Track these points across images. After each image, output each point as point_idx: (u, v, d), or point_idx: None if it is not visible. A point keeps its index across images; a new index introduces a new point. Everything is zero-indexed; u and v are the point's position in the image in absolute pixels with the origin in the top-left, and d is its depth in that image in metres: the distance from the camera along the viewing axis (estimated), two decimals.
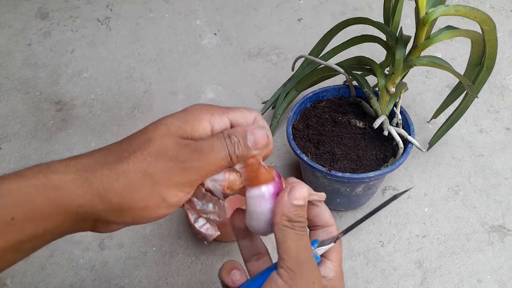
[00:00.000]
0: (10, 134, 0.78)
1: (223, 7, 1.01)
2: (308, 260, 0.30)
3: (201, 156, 0.28)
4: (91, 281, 0.59)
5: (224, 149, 0.29)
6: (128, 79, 0.87)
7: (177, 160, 0.28)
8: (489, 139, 0.73)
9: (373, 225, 0.63)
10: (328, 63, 0.64)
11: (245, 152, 0.30)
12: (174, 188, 0.28)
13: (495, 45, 0.53)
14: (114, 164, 0.27)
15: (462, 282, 0.57)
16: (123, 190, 0.27)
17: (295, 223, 0.30)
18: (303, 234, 0.30)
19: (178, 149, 0.28)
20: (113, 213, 0.27)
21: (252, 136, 0.30)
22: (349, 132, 0.61)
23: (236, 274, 0.33)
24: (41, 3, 1.05)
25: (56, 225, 0.27)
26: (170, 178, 0.27)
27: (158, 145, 0.28)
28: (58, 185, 0.26)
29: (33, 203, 0.26)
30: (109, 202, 0.27)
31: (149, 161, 0.27)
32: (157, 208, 0.28)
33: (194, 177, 0.28)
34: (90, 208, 0.27)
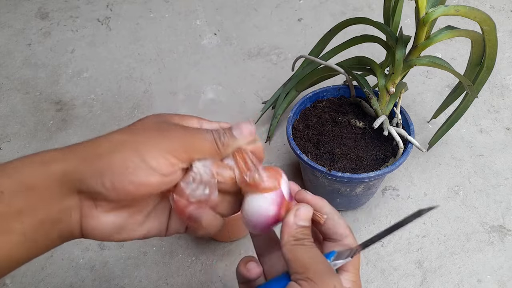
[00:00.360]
0: (10, 134, 0.78)
1: (223, 7, 1.01)
2: (325, 267, 0.30)
3: (185, 130, 0.30)
4: (91, 281, 0.59)
5: (209, 133, 0.30)
6: (128, 79, 0.87)
7: (160, 130, 0.29)
8: (489, 139, 0.73)
9: (373, 225, 0.63)
10: (328, 63, 0.64)
11: (231, 141, 0.31)
12: (155, 151, 0.28)
13: (495, 45, 0.53)
14: (99, 137, 0.29)
15: (462, 282, 0.57)
16: (104, 153, 0.27)
17: (302, 240, 0.31)
18: (312, 246, 0.31)
19: (162, 123, 0.30)
20: (94, 178, 0.27)
21: (237, 126, 0.32)
22: (349, 132, 0.61)
23: (252, 264, 0.34)
24: (41, 3, 1.05)
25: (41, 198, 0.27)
26: (151, 143, 0.28)
27: (143, 121, 0.30)
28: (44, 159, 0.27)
29: (20, 173, 0.26)
30: (90, 165, 0.27)
31: (132, 129, 0.29)
32: (138, 170, 0.27)
33: (175, 146, 0.28)
34: (73, 174, 0.27)
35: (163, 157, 0.28)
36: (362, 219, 0.64)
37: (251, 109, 0.80)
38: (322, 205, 0.34)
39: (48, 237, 0.28)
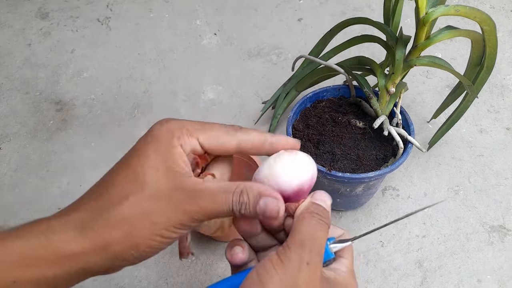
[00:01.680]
0: (10, 134, 0.78)
1: (223, 7, 1.01)
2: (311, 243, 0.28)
3: (200, 204, 0.28)
4: (91, 281, 0.59)
5: (227, 203, 0.29)
6: (128, 79, 0.87)
7: (174, 204, 0.28)
8: (489, 139, 0.73)
9: (373, 225, 0.63)
10: (328, 63, 0.64)
11: (252, 215, 0.29)
12: (172, 227, 0.28)
13: (495, 45, 0.53)
14: (111, 212, 0.27)
15: (462, 282, 0.57)
16: (124, 238, 0.27)
17: (315, 214, 0.30)
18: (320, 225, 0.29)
19: (173, 192, 0.28)
20: (119, 261, 0.28)
21: (264, 204, 0.29)
22: (349, 132, 0.61)
23: (237, 249, 0.33)
24: (41, 3, 1.05)
25: (60, 284, 0.28)
26: (169, 221, 0.28)
27: (152, 189, 0.28)
28: (59, 246, 0.27)
29: (35, 266, 0.26)
30: (114, 252, 0.27)
31: (144, 205, 0.28)
32: (160, 245, 0.29)
33: (191, 220, 0.28)
34: (96, 262, 0.27)
35: (179, 229, 0.28)
36: (362, 219, 0.64)
37: (251, 109, 0.80)
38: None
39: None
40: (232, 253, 0.32)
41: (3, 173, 0.72)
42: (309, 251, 0.28)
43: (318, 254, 0.28)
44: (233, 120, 0.78)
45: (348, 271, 0.32)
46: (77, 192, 0.69)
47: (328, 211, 0.31)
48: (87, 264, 0.27)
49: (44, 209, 0.67)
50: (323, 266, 0.31)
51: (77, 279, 0.28)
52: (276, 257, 0.28)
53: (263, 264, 0.28)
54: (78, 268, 0.27)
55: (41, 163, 0.73)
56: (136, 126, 0.78)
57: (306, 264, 0.27)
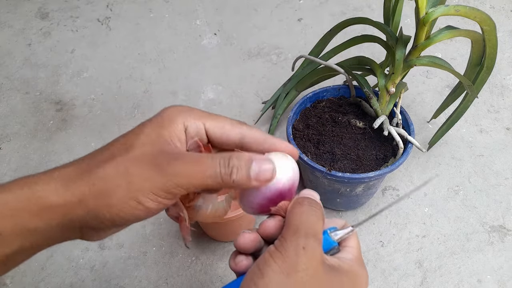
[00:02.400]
0: (10, 134, 0.78)
1: (223, 7, 1.01)
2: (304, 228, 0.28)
3: (182, 165, 0.27)
4: (91, 281, 0.59)
5: (213, 167, 0.28)
6: (128, 79, 0.87)
7: (155, 165, 0.27)
8: (489, 139, 0.73)
9: (373, 225, 0.63)
10: (328, 63, 0.64)
11: (244, 181, 0.28)
12: (150, 192, 0.27)
13: (495, 45, 0.53)
14: (94, 169, 0.28)
15: (462, 282, 0.57)
16: (100, 194, 0.27)
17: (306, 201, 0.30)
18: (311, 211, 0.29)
19: (158, 156, 0.28)
20: (93, 219, 0.27)
21: (257, 166, 0.28)
22: (349, 132, 0.61)
23: (240, 257, 0.32)
24: (41, 3, 1.05)
25: (42, 238, 0.28)
26: (146, 183, 0.27)
27: (137, 151, 0.28)
28: (41, 196, 0.27)
29: (19, 217, 0.26)
30: (87, 207, 0.27)
31: (126, 165, 0.27)
32: (134, 211, 0.27)
33: (171, 184, 0.27)
34: (73, 216, 0.27)
35: (161, 197, 0.27)
36: (362, 219, 0.64)
37: (251, 109, 0.80)
38: None
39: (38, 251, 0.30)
40: (236, 262, 0.32)
41: (3, 173, 0.72)
42: (304, 236, 0.28)
43: (314, 237, 0.28)
44: None
45: (355, 258, 0.31)
46: None
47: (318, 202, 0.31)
48: (66, 217, 0.27)
49: None
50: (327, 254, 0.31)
51: (59, 235, 0.28)
52: (273, 248, 0.28)
53: (262, 257, 0.28)
54: (58, 222, 0.27)
55: (41, 163, 0.73)
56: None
57: (303, 249, 0.27)
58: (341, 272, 0.29)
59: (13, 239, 0.27)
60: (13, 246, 0.27)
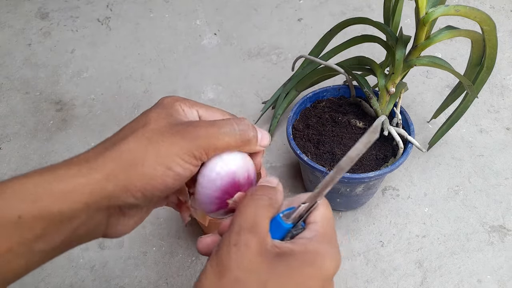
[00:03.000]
0: (10, 134, 0.78)
1: (223, 7, 1.01)
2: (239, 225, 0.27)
3: (200, 128, 0.29)
4: (91, 281, 0.59)
5: (228, 125, 0.30)
6: (128, 79, 0.87)
7: (176, 132, 0.28)
8: (489, 139, 0.73)
9: (373, 225, 0.63)
10: (328, 63, 0.64)
11: (254, 140, 0.31)
12: (177, 157, 0.28)
13: (495, 45, 0.53)
14: (116, 146, 0.28)
15: (462, 282, 0.57)
16: (129, 166, 0.27)
17: (247, 195, 0.29)
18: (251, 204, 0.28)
19: (175, 125, 0.29)
20: (123, 192, 0.27)
21: (260, 132, 0.31)
22: (349, 132, 0.61)
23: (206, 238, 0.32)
24: (41, 3, 1.05)
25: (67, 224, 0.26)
26: (172, 148, 0.28)
27: (154, 125, 0.29)
28: (63, 180, 0.26)
29: (40, 200, 0.25)
30: (117, 180, 0.27)
31: (148, 136, 0.28)
32: (164, 178, 0.28)
33: (194, 147, 0.28)
34: (100, 194, 0.27)
35: (186, 161, 0.28)
36: (362, 219, 0.64)
37: (251, 109, 0.80)
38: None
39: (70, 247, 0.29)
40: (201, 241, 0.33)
41: (3, 173, 0.72)
42: (236, 233, 0.26)
43: (250, 231, 0.26)
44: None
45: (314, 236, 0.28)
46: None
47: (272, 186, 0.30)
48: (93, 197, 0.26)
49: None
50: (287, 239, 0.29)
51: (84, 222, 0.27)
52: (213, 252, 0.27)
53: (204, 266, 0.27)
54: (84, 204, 0.26)
55: (41, 163, 0.73)
56: None
57: (234, 246, 0.26)
58: (292, 256, 0.26)
59: (35, 224, 0.25)
60: (35, 231, 0.25)
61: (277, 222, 0.29)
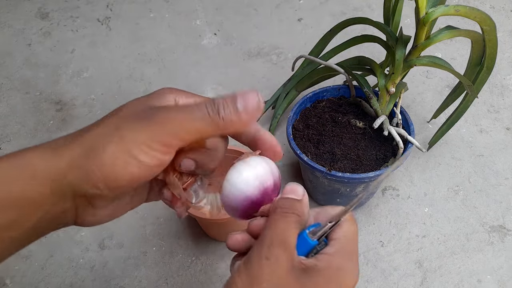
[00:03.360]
0: (10, 134, 0.78)
1: (223, 7, 1.01)
2: (271, 239, 0.27)
3: (170, 112, 0.27)
4: (91, 281, 0.59)
5: (201, 108, 0.27)
6: (128, 79, 0.87)
7: (145, 117, 0.27)
8: (489, 139, 0.73)
9: (373, 225, 0.63)
10: (328, 63, 0.64)
11: (234, 116, 0.27)
12: (142, 144, 0.26)
13: (495, 45, 0.53)
14: (84, 133, 0.27)
15: (462, 282, 0.57)
16: (90, 152, 0.26)
17: (278, 209, 0.29)
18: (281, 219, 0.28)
19: (147, 110, 0.28)
20: (85, 182, 0.26)
21: (242, 98, 0.28)
22: (349, 132, 0.61)
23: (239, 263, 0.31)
24: (41, 3, 1.05)
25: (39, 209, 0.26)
26: (138, 134, 0.26)
27: (126, 110, 0.28)
28: (30, 163, 0.26)
29: (14, 184, 0.26)
30: (78, 168, 0.26)
31: (116, 122, 0.27)
32: (127, 167, 0.26)
33: (163, 133, 0.26)
34: (64, 181, 0.26)
35: (153, 149, 0.26)
36: (362, 219, 0.64)
37: None
38: None
39: (40, 235, 0.28)
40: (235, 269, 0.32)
41: None
42: (267, 246, 0.27)
43: (280, 246, 0.27)
44: None
45: (337, 252, 0.29)
46: None
47: (297, 198, 0.30)
48: (56, 183, 0.26)
49: None
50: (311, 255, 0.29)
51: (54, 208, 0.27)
52: (241, 263, 0.28)
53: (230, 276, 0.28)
54: (49, 189, 0.26)
55: None
56: None
57: (266, 260, 0.26)
58: (316, 272, 0.27)
59: (8, 207, 0.25)
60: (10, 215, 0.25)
61: (303, 239, 0.29)
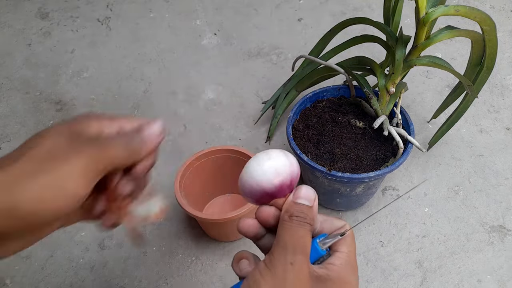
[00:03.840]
0: (10, 134, 0.78)
1: (223, 7, 1.01)
2: (292, 245, 0.29)
3: (94, 143, 0.28)
4: (91, 281, 0.59)
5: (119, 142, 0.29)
6: (128, 79, 0.87)
7: (70, 148, 0.27)
8: (489, 139, 0.73)
9: (373, 225, 0.63)
10: (328, 63, 0.64)
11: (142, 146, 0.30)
12: (69, 175, 0.26)
13: (495, 45, 0.53)
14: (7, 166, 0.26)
15: (462, 282, 0.57)
16: (14, 185, 0.25)
17: (294, 217, 0.30)
18: (299, 227, 0.30)
19: (70, 141, 0.28)
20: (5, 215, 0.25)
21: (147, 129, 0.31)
22: (349, 132, 0.61)
23: (244, 263, 0.33)
24: (41, 3, 1.05)
25: None
26: (64, 165, 0.26)
27: (49, 141, 0.28)
28: None
29: None
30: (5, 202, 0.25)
31: (42, 153, 0.27)
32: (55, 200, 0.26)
33: (90, 162, 0.27)
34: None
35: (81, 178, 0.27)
36: (362, 219, 0.64)
37: (251, 109, 0.80)
38: None
39: None
40: (240, 268, 0.33)
41: None
42: (292, 252, 0.29)
43: (302, 253, 0.29)
44: (233, 120, 0.78)
45: (344, 265, 0.31)
46: None
47: (310, 205, 0.31)
48: None
49: None
50: (316, 263, 0.31)
51: None
52: (263, 264, 0.29)
53: (252, 275, 0.29)
54: None
55: None
56: None
57: (290, 265, 0.28)
58: (329, 282, 0.30)
59: None
60: None
61: (314, 247, 0.31)
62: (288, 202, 0.32)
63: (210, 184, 0.64)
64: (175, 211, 0.66)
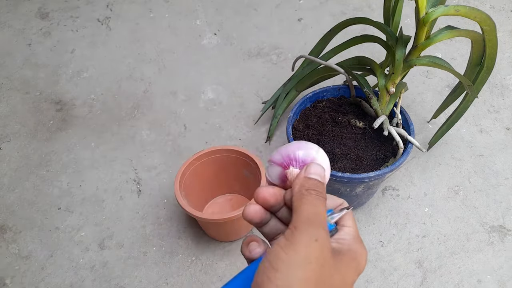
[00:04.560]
0: (10, 134, 0.78)
1: (223, 7, 1.01)
2: (316, 220, 0.29)
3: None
4: (91, 281, 0.59)
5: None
6: (128, 79, 0.87)
7: None
8: (489, 139, 0.73)
9: (373, 225, 0.63)
10: (328, 63, 0.64)
11: None
12: None
13: (495, 45, 0.53)
14: None
15: (462, 282, 0.57)
16: None
17: (311, 190, 0.31)
18: (319, 200, 0.31)
19: None
20: None
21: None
22: (349, 132, 0.61)
23: (254, 245, 0.33)
24: (41, 3, 1.05)
25: None
26: None
27: None
28: None
29: None
30: None
31: None
32: None
33: None
34: None
35: None
36: (362, 219, 0.64)
37: (251, 109, 0.80)
38: None
39: None
40: (250, 249, 0.33)
41: (3, 173, 0.72)
42: (316, 228, 0.28)
43: (324, 229, 0.29)
44: (233, 120, 0.78)
45: (352, 238, 0.32)
46: (77, 192, 0.69)
47: (323, 182, 0.32)
48: None
49: (44, 209, 0.67)
50: None
51: None
52: (284, 240, 0.28)
53: (273, 251, 0.28)
54: None
55: (41, 163, 0.73)
56: (136, 126, 0.78)
57: (315, 241, 0.28)
58: (343, 254, 0.30)
59: None
60: None
61: None
62: (301, 178, 0.32)
63: (210, 184, 0.64)
64: (175, 211, 0.66)
